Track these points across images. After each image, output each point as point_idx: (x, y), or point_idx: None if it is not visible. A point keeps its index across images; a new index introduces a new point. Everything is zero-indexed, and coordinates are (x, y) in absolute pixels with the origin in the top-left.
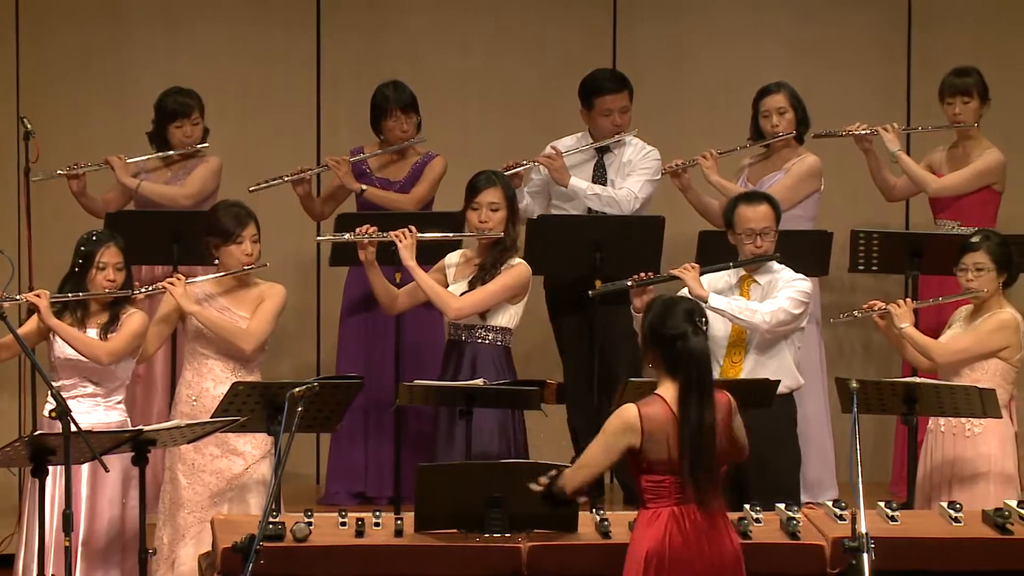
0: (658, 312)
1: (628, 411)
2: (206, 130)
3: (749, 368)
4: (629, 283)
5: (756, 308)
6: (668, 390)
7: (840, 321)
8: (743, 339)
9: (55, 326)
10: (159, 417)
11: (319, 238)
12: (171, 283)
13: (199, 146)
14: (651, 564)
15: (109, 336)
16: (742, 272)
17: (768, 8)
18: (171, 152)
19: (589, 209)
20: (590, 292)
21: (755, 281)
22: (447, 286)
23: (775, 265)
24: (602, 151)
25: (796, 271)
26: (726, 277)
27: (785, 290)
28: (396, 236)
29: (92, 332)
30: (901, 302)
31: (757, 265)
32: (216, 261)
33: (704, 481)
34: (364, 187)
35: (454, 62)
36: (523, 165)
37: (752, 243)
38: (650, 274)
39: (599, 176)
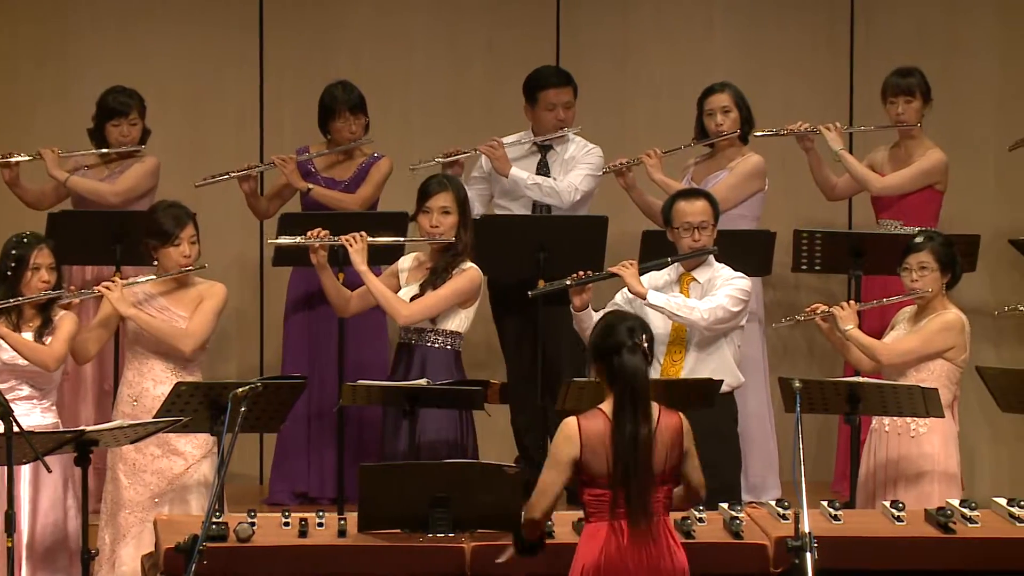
0: (602, 326)
1: (568, 424)
2: (147, 131)
3: (689, 366)
4: (568, 282)
5: (694, 305)
6: (609, 404)
7: (782, 326)
8: (683, 337)
9: (4, 335)
10: (86, 418)
11: (271, 241)
12: (107, 287)
13: (135, 147)
14: None
15: (45, 339)
16: (682, 270)
17: (712, 7)
18: (107, 150)
19: (533, 206)
20: (530, 293)
21: (695, 279)
22: (399, 290)
23: (715, 263)
24: (545, 148)
25: (739, 271)
26: (666, 275)
27: (724, 288)
28: (347, 240)
29: (28, 336)
30: (845, 304)
31: (697, 262)
32: (155, 262)
33: (635, 497)
34: (311, 186)
35: (398, 62)
36: (464, 152)
37: (690, 237)
38: (589, 273)
39: (542, 173)
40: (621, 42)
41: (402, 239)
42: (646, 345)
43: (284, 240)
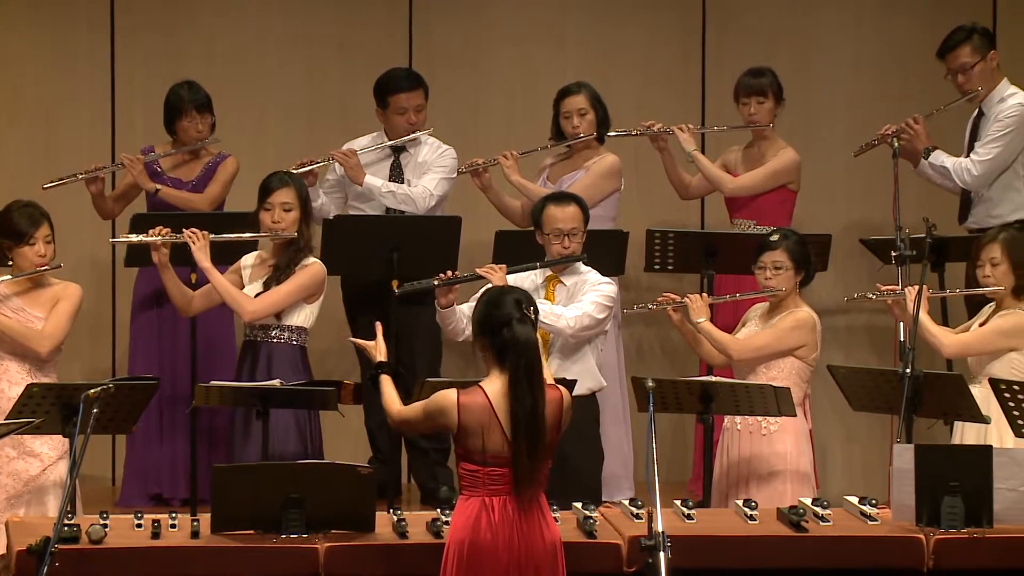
0: (487, 301)
1: (448, 396)
2: None
3: (553, 371)
4: (436, 283)
5: (560, 313)
6: (493, 382)
7: (634, 312)
8: (547, 341)
9: None
10: None
11: (113, 240)
12: None
13: None
14: (458, 553)
15: None
16: (548, 273)
17: (564, 8)
18: None
19: (388, 209)
20: (397, 291)
21: (561, 282)
22: (243, 288)
23: (582, 267)
24: (398, 151)
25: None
26: (532, 277)
27: (590, 294)
28: (189, 237)
29: None
30: (697, 296)
31: (564, 266)
32: (10, 262)
33: (528, 470)
34: (158, 187)
35: (250, 62)
36: (318, 163)
37: (560, 243)
38: (457, 274)
39: (395, 175)
40: (474, 43)
41: (244, 235)
42: (533, 317)
43: (125, 238)
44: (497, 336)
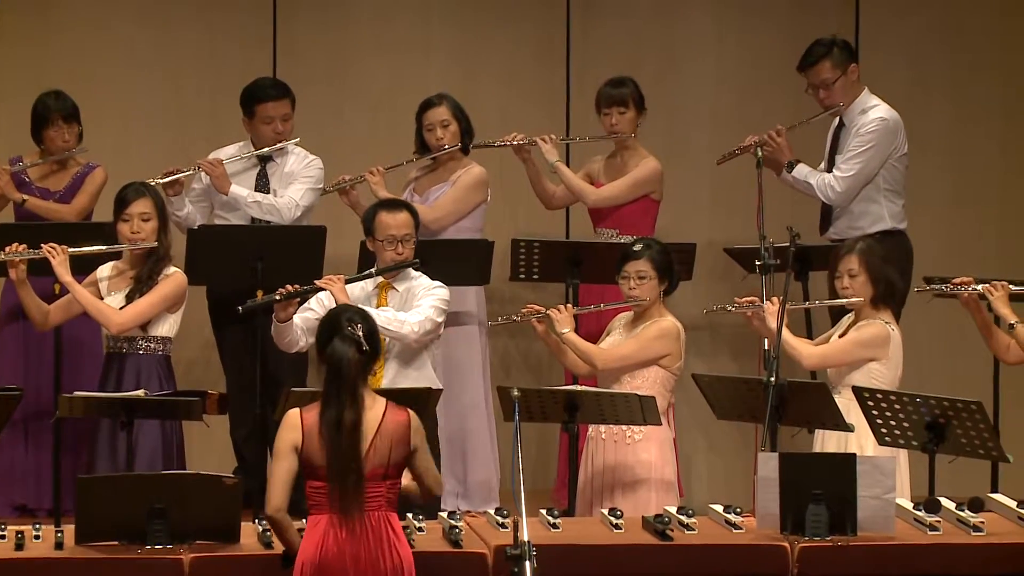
0: (324, 319)
1: (291, 414)
2: None
3: (390, 378)
4: (277, 297)
5: (404, 319)
6: None
7: (498, 324)
8: (383, 348)
9: None
10: None
11: None
12: None
13: None
14: (307, 574)
15: None
16: (380, 279)
17: (429, 17)
18: None
19: (253, 219)
20: (240, 308)
21: (393, 288)
22: (101, 299)
23: (412, 272)
24: (265, 160)
25: (458, 280)
26: (363, 284)
27: (427, 299)
28: (48, 252)
29: None
30: (561, 307)
31: (396, 271)
32: None
33: (344, 486)
34: (25, 197)
35: (115, 72)
36: (184, 172)
37: (393, 250)
38: (297, 287)
39: (262, 185)
40: (338, 53)
41: (104, 247)
42: (361, 334)
43: None
44: (323, 352)
